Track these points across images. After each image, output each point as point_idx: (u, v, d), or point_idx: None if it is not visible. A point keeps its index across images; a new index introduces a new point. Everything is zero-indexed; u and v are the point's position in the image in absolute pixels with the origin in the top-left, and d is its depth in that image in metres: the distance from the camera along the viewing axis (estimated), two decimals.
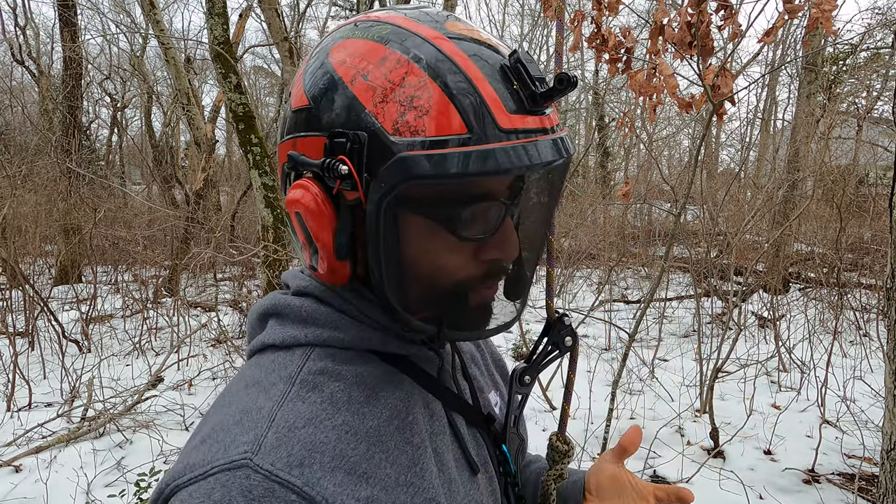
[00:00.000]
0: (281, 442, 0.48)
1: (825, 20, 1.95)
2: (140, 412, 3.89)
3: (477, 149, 0.47)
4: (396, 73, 0.49)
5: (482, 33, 0.53)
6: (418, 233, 0.53)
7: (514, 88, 0.50)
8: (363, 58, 0.51)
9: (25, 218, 7.97)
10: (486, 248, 0.55)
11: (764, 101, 15.40)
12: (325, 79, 0.52)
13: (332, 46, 0.54)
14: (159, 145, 14.22)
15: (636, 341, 5.12)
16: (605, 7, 2.44)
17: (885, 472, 1.87)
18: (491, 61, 0.50)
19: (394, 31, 0.52)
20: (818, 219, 9.08)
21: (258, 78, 20.44)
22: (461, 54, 0.50)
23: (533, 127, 0.50)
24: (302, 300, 0.59)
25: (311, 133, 0.53)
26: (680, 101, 2.38)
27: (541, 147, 0.50)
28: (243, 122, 3.83)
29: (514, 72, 0.50)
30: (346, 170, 0.49)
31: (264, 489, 0.45)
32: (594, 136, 17.13)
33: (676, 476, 3.13)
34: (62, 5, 8.79)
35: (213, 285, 8.12)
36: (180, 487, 0.47)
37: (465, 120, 0.48)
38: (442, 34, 0.51)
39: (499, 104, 0.49)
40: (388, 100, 0.49)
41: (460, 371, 0.70)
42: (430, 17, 0.53)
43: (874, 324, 5.48)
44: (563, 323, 0.66)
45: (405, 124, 0.48)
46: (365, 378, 0.55)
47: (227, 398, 0.55)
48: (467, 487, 0.59)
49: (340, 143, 0.50)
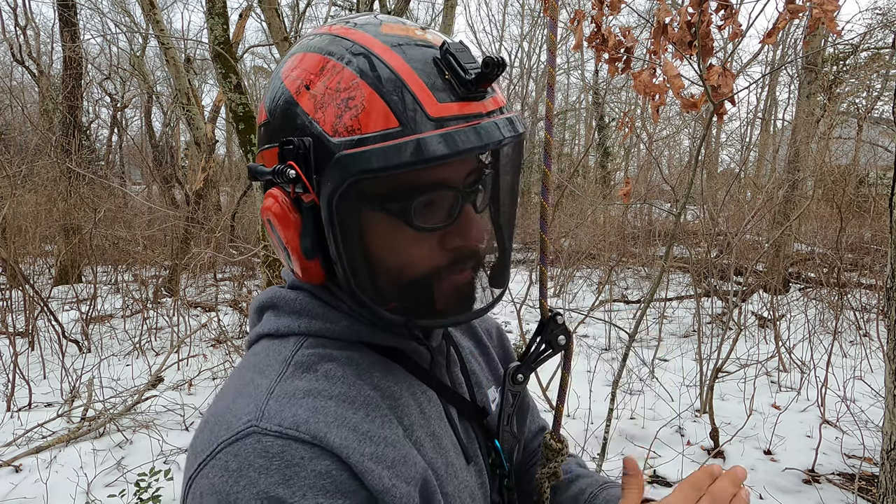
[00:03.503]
0: (283, 407, 0.50)
1: (828, 20, 1.95)
2: (140, 412, 3.89)
3: (407, 139, 0.49)
4: (332, 79, 0.52)
5: (416, 31, 0.55)
6: (377, 227, 0.54)
7: (445, 78, 0.52)
8: (305, 69, 0.55)
9: (25, 218, 7.97)
10: (449, 237, 0.56)
11: (764, 101, 15.41)
12: (277, 94, 0.56)
13: (285, 64, 0.58)
14: (159, 145, 14.23)
15: (636, 341, 5.12)
16: (607, 6, 2.44)
17: (885, 472, 1.87)
18: (421, 56, 0.52)
19: (331, 40, 0.55)
20: (818, 219, 9.09)
21: (258, 78, 20.44)
22: (391, 53, 0.52)
23: (466, 113, 0.52)
24: (297, 293, 0.62)
25: (270, 145, 0.57)
26: (684, 101, 2.38)
27: (477, 131, 0.51)
28: (243, 122, 3.83)
29: (445, 62, 0.52)
30: (294, 174, 0.52)
31: (280, 446, 0.47)
32: (594, 136, 17.13)
33: (676, 476, 3.13)
34: (62, 5, 8.79)
35: (213, 285, 8.12)
36: (194, 477, 0.48)
37: (396, 113, 0.50)
38: (375, 38, 0.53)
39: (428, 94, 0.51)
40: (327, 104, 0.52)
41: (458, 365, 0.71)
42: (366, 23, 0.56)
43: (874, 324, 5.48)
44: (556, 322, 0.67)
45: (343, 125, 0.51)
46: (357, 360, 0.58)
47: (226, 386, 0.57)
48: (463, 474, 0.62)
49: (290, 150, 0.52)
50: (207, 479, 0.47)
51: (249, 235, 9.61)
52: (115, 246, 8.15)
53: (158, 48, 9.44)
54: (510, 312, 6.54)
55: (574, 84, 23.42)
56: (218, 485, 0.46)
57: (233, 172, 16.52)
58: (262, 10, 5.06)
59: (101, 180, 10.06)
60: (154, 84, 15.42)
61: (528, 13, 21.17)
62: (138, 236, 8.00)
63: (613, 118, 18.04)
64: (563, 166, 17.37)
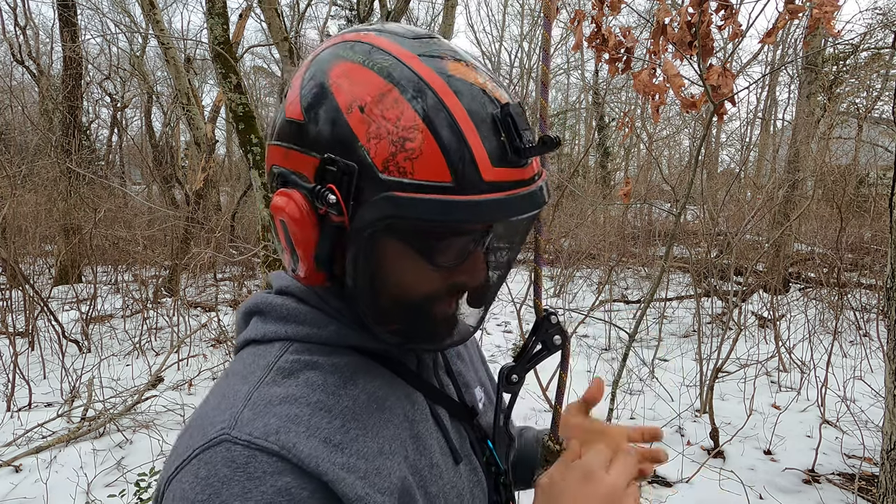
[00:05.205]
0: (257, 415, 0.51)
1: (827, 21, 1.95)
2: (140, 412, 3.89)
3: (459, 199, 0.50)
4: (392, 112, 0.51)
5: (480, 74, 0.55)
6: (396, 257, 0.56)
7: (500, 140, 0.52)
8: (362, 87, 0.52)
9: (25, 218, 7.97)
10: (458, 273, 0.58)
11: (764, 101, 15.42)
12: (322, 100, 0.54)
13: (333, 66, 0.55)
14: (159, 145, 14.22)
15: (636, 341, 5.11)
16: (607, 6, 2.44)
17: (885, 472, 1.87)
18: (483, 111, 0.52)
19: (395, 65, 0.52)
20: (818, 219, 9.09)
21: (258, 78, 20.45)
22: (456, 101, 0.51)
23: (513, 179, 0.53)
24: (283, 298, 0.62)
25: (304, 150, 0.55)
26: (684, 101, 2.38)
27: (517, 201, 0.53)
28: (243, 122, 3.82)
29: (504, 124, 0.52)
30: (334, 199, 0.51)
31: (246, 456, 0.48)
32: (594, 136, 17.13)
33: (676, 476, 3.13)
34: (62, 5, 8.79)
35: (213, 285, 8.12)
36: (171, 479, 0.50)
37: (452, 169, 0.50)
38: (441, 77, 0.52)
39: (484, 156, 0.51)
40: (382, 137, 0.51)
41: (444, 368, 0.72)
42: (433, 54, 0.54)
43: (874, 324, 5.48)
44: (550, 322, 0.68)
45: (395, 164, 0.50)
46: (342, 367, 0.58)
47: (211, 392, 0.58)
48: (450, 474, 0.62)
49: (332, 172, 0.52)
50: (180, 483, 0.49)
51: (249, 235, 9.61)
52: (115, 246, 8.15)
53: (158, 48, 9.43)
54: (510, 312, 6.54)
55: (574, 84, 23.44)
56: (188, 491, 0.48)
57: (233, 172, 16.52)
58: (262, 10, 5.07)
59: (101, 180, 10.06)
60: (154, 84, 15.42)
61: (528, 13, 21.19)
62: (138, 236, 8.00)
63: (613, 118, 18.04)
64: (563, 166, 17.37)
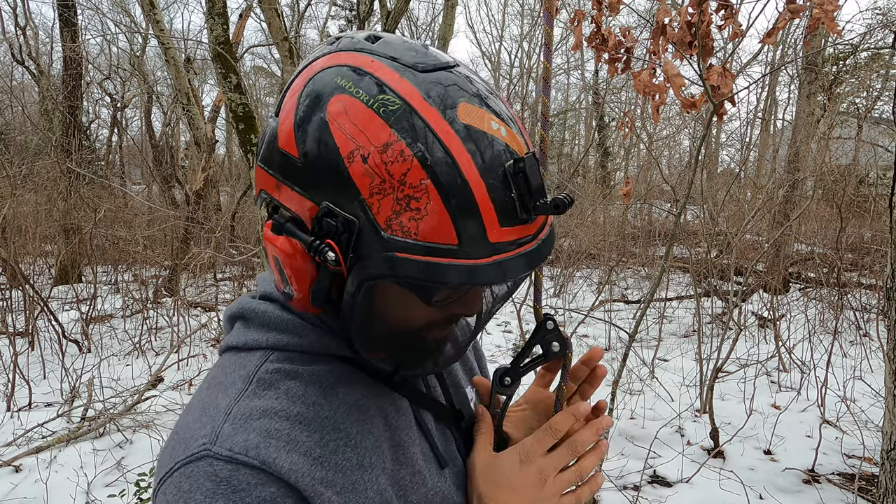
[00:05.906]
0: (237, 431, 0.51)
1: (828, 20, 1.95)
2: (140, 412, 3.89)
3: (462, 263, 0.49)
4: (398, 167, 0.47)
5: (494, 119, 0.51)
6: (394, 296, 0.56)
7: (510, 196, 0.50)
8: (363, 134, 0.48)
9: (25, 218, 7.96)
10: (453, 306, 0.58)
11: (764, 101, 15.43)
12: (320, 138, 0.49)
13: (333, 98, 0.50)
14: (159, 145, 14.21)
15: (636, 341, 5.11)
16: (606, 7, 2.44)
17: (885, 472, 1.87)
18: (495, 164, 0.49)
19: (403, 111, 0.48)
20: (818, 219, 9.09)
21: (258, 78, 20.46)
22: (467, 159, 0.48)
23: (519, 237, 0.51)
24: (267, 305, 0.62)
25: (299, 191, 0.51)
26: (684, 101, 2.38)
27: (520, 261, 0.51)
28: (243, 122, 3.82)
29: (515, 179, 0.50)
30: (333, 257, 0.49)
31: (228, 471, 0.48)
32: (594, 136, 17.13)
33: (676, 476, 3.13)
34: (62, 5, 8.79)
35: (213, 285, 8.11)
36: (157, 489, 0.51)
37: (458, 232, 0.48)
38: (451, 126, 0.48)
39: (493, 217, 0.49)
40: (386, 193, 0.48)
41: None
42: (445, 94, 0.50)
43: (874, 324, 5.48)
44: (546, 327, 0.66)
45: (399, 224, 0.48)
46: (322, 377, 0.58)
47: (193, 400, 0.58)
48: (434, 480, 0.62)
49: (330, 225, 0.49)
50: (164, 495, 0.50)
51: (249, 235, 9.60)
52: (115, 246, 8.15)
53: (158, 48, 9.44)
54: (510, 312, 6.54)
55: (574, 84, 23.43)
56: (172, 502, 0.49)
57: (233, 172, 16.52)
58: (262, 10, 5.07)
59: (101, 180, 10.07)
60: (154, 84, 15.41)
61: (527, 13, 21.19)
62: (138, 236, 8.01)
63: (613, 118, 18.04)
64: (564, 166, 17.37)
